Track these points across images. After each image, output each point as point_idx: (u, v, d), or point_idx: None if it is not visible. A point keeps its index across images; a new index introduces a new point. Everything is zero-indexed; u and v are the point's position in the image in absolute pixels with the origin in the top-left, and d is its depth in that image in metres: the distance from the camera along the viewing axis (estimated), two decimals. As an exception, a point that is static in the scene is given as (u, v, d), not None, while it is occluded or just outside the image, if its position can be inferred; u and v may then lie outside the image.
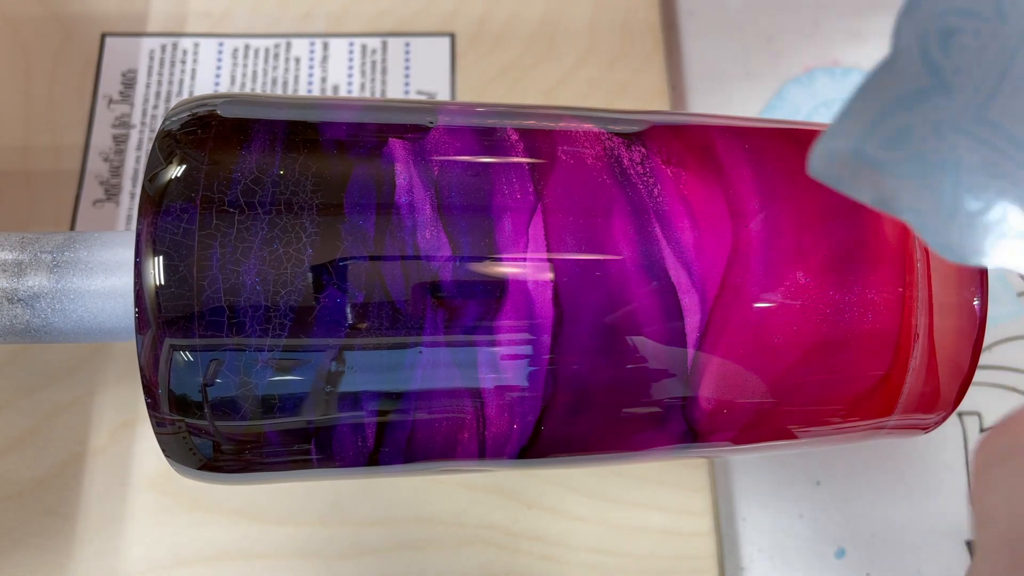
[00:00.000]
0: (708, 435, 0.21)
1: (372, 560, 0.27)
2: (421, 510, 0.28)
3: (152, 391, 0.19)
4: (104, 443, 0.28)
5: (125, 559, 0.27)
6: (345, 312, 0.19)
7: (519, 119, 0.22)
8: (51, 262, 0.20)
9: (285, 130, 0.20)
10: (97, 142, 0.32)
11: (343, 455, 0.20)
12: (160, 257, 0.18)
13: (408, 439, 0.20)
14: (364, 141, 0.20)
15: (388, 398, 0.19)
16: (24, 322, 0.20)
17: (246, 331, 0.18)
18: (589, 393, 0.20)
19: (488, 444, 0.20)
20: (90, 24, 0.34)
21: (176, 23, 0.34)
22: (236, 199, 0.19)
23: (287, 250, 0.19)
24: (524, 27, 0.35)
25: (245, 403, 0.19)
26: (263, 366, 0.19)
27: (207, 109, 0.20)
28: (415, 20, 0.35)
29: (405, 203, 0.19)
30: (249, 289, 0.18)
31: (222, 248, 0.18)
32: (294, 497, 0.28)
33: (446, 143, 0.20)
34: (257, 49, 0.34)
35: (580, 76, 0.34)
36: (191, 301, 0.18)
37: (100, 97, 0.33)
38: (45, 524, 0.27)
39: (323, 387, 0.19)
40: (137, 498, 0.27)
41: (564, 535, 0.28)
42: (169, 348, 0.18)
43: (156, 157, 0.19)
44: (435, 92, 0.34)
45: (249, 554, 0.27)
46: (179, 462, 0.20)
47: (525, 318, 0.19)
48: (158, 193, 0.19)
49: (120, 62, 0.33)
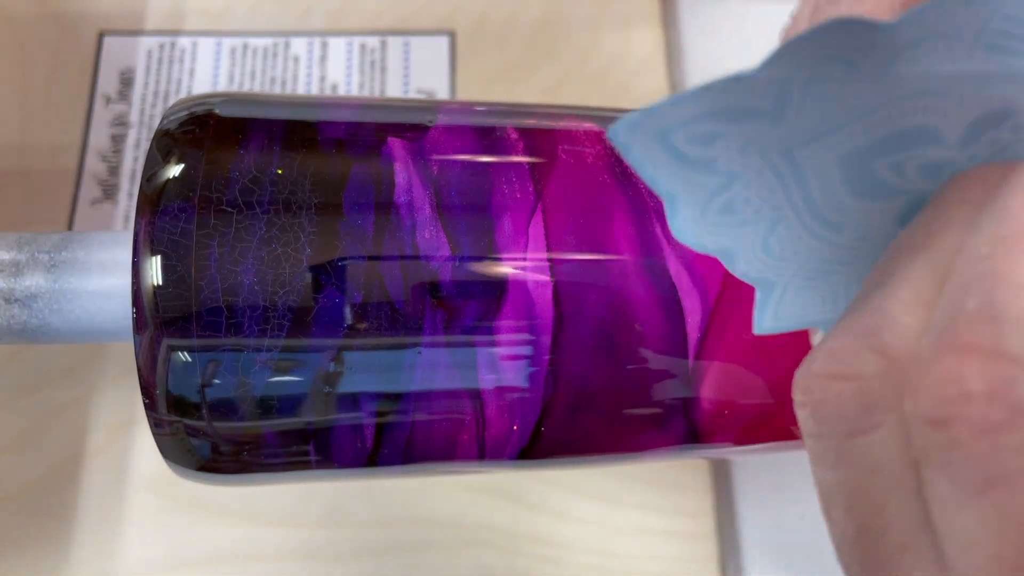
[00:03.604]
0: (709, 436, 0.21)
1: (371, 562, 0.27)
2: (420, 512, 0.28)
3: (150, 392, 0.19)
4: (102, 444, 0.28)
5: (123, 561, 0.27)
6: (344, 312, 0.18)
7: (519, 118, 0.22)
8: (48, 262, 0.20)
9: (283, 129, 0.20)
10: (95, 141, 0.32)
11: (342, 456, 0.20)
12: (158, 257, 0.18)
13: (407, 440, 0.20)
14: (363, 140, 0.20)
15: (387, 399, 0.19)
16: (21, 322, 0.20)
17: (244, 331, 0.18)
18: (589, 394, 0.20)
19: (488, 445, 0.20)
20: (88, 23, 0.34)
21: (174, 21, 0.34)
22: (234, 199, 0.19)
23: (285, 250, 0.18)
24: (524, 25, 0.35)
25: (243, 404, 0.19)
26: (261, 366, 0.18)
27: (205, 108, 0.20)
28: (414, 18, 0.35)
29: (404, 202, 0.19)
30: (247, 289, 0.18)
31: (220, 248, 0.18)
32: (293, 498, 0.28)
33: (446, 142, 0.20)
34: (256, 48, 0.34)
35: (581, 75, 0.34)
36: (189, 301, 0.18)
37: (98, 96, 0.33)
38: (42, 525, 0.27)
39: (322, 388, 0.19)
40: (135, 499, 0.27)
41: (564, 537, 0.28)
42: (167, 348, 0.18)
43: (154, 156, 0.19)
44: (434, 91, 0.34)
45: (248, 556, 0.27)
46: (177, 463, 0.20)
47: (525, 318, 0.19)
48: (156, 193, 0.19)
49: (118, 61, 0.33)
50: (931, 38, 0.13)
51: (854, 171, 0.14)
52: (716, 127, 0.13)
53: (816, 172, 0.14)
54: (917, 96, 0.13)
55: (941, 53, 0.13)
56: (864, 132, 0.14)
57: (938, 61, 0.13)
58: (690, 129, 0.13)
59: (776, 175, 0.14)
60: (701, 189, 0.14)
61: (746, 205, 0.14)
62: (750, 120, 0.13)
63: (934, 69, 0.13)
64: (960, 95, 0.13)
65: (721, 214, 0.14)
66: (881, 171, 0.14)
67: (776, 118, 0.13)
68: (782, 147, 0.14)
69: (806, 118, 0.14)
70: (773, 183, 0.14)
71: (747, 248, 0.15)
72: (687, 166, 0.14)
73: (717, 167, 0.14)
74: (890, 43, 0.13)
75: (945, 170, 0.14)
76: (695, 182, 0.14)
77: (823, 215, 0.14)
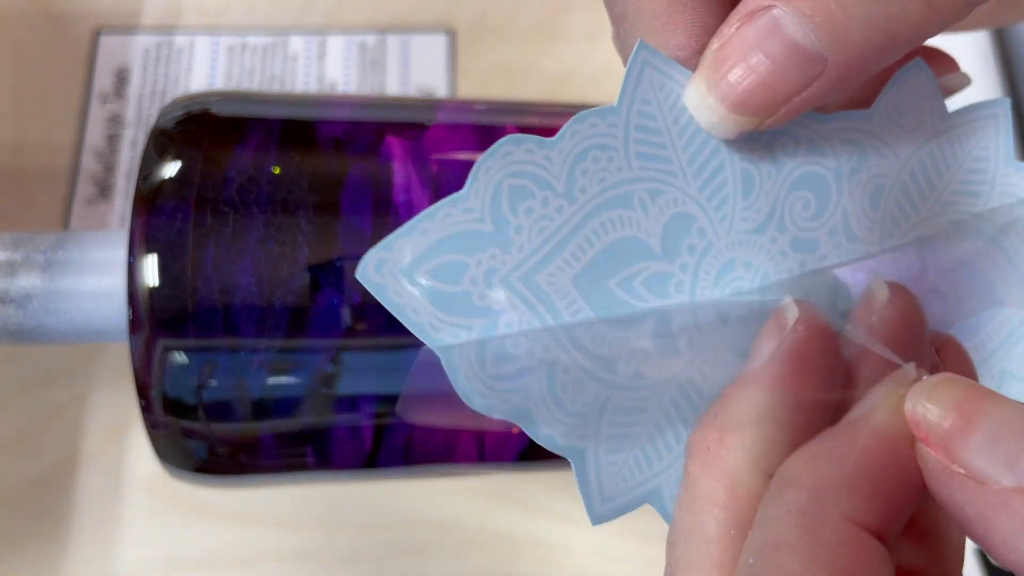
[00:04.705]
0: None
1: (370, 564, 0.27)
2: (420, 514, 0.28)
3: (146, 393, 0.18)
4: (98, 446, 0.28)
5: (119, 562, 0.27)
6: (342, 313, 0.18)
7: (519, 116, 0.21)
8: (44, 262, 0.20)
9: (281, 128, 0.20)
10: (91, 140, 0.32)
11: (340, 458, 0.20)
12: (154, 257, 0.18)
13: (406, 442, 0.20)
14: (361, 139, 0.20)
15: (386, 400, 0.19)
16: (16, 323, 0.20)
17: (241, 332, 0.18)
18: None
19: (487, 447, 0.20)
20: (84, 20, 0.34)
21: (171, 19, 0.34)
22: (231, 198, 0.18)
23: (283, 250, 0.18)
24: (524, 22, 0.35)
25: (240, 405, 0.19)
26: (259, 367, 0.18)
27: (201, 107, 0.20)
28: (413, 15, 0.35)
29: (403, 201, 0.19)
30: (244, 289, 0.18)
31: (217, 248, 0.18)
32: (291, 500, 0.28)
33: (445, 140, 0.20)
34: (253, 46, 0.34)
35: (581, 72, 0.34)
36: (185, 302, 0.18)
37: (94, 95, 0.32)
38: (39, 527, 0.27)
39: (319, 389, 0.19)
40: (132, 501, 0.27)
41: (564, 540, 0.28)
42: (163, 349, 0.18)
43: (150, 155, 0.19)
44: (434, 89, 0.33)
45: (245, 558, 0.27)
46: (173, 465, 0.20)
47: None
48: (152, 192, 0.19)
49: (114, 59, 0.33)
50: (593, 149, 0.14)
51: (593, 294, 0.14)
52: (453, 257, 0.14)
53: (561, 298, 0.14)
54: (609, 208, 0.14)
55: (605, 163, 0.14)
56: (581, 250, 0.14)
57: (607, 171, 0.14)
58: (431, 262, 0.13)
59: (528, 307, 0.14)
60: (467, 332, 0.14)
61: (516, 348, 0.14)
62: (481, 245, 0.14)
63: (608, 179, 0.14)
64: (640, 201, 0.14)
65: (496, 363, 0.14)
66: (616, 291, 0.14)
67: (503, 242, 0.14)
68: (520, 274, 0.14)
69: (526, 239, 0.14)
70: (530, 317, 0.14)
71: (540, 405, 0.14)
72: (446, 305, 0.14)
73: (474, 303, 0.14)
74: (562, 156, 0.14)
75: (669, 284, 0.15)
76: (460, 325, 0.14)
77: (589, 349, 0.14)
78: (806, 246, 0.15)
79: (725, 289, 0.15)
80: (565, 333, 0.14)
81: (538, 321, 0.14)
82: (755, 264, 0.15)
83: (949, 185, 0.16)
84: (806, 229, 0.15)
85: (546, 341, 0.14)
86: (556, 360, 0.14)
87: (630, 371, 0.14)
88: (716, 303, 0.15)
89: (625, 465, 0.14)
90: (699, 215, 0.15)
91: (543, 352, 0.14)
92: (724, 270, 0.15)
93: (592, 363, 0.14)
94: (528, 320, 0.14)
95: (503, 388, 0.14)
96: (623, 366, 0.14)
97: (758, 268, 0.15)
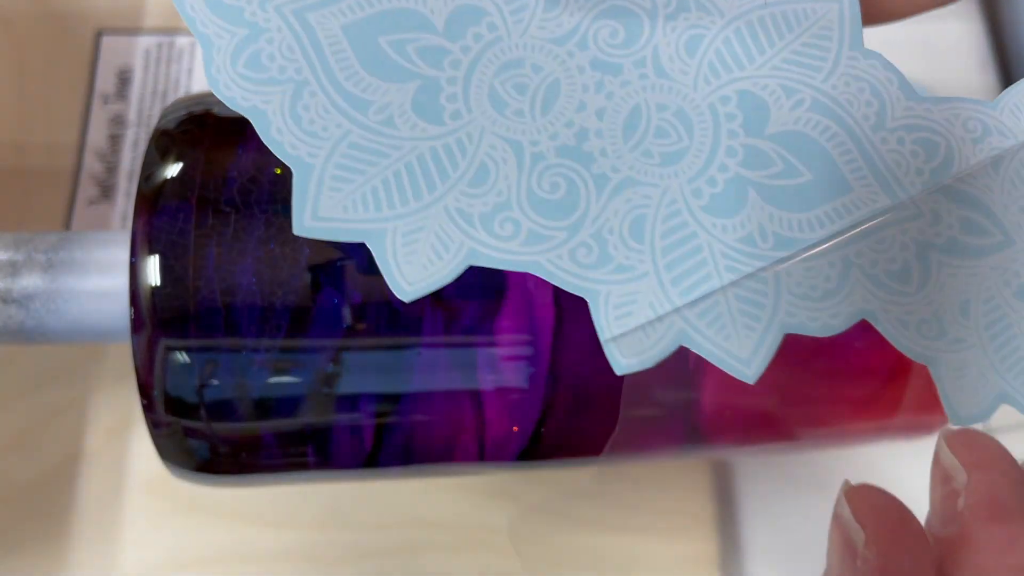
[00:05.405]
0: (710, 437, 0.21)
1: (370, 564, 0.27)
2: (420, 513, 0.28)
3: (148, 393, 0.18)
4: (100, 445, 0.28)
5: (121, 562, 0.27)
6: (343, 313, 0.18)
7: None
8: (45, 262, 0.20)
9: (282, 128, 0.20)
10: (92, 141, 0.32)
11: (341, 457, 0.20)
12: (156, 257, 0.18)
13: (407, 441, 0.20)
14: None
15: (386, 400, 0.19)
16: (18, 323, 0.20)
17: (243, 332, 0.18)
18: (590, 395, 0.20)
19: (488, 446, 0.20)
20: (85, 21, 0.34)
21: (173, 20, 0.34)
22: (232, 198, 0.19)
23: (284, 250, 0.18)
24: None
25: (242, 405, 0.19)
26: (260, 367, 0.18)
27: (203, 107, 0.20)
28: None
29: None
30: (246, 289, 0.18)
31: (218, 248, 0.18)
32: (292, 500, 0.28)
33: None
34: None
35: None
36: (187, 302, 0.18)
37: (96, 95, 0.32)
38: (40, 527, 0.27)
39: (320, 389, 0.19)
40: (133, 501, 0.27)
41: (564, 538, 0.28)
42: (165, 349, 0.18)
43: (152, 156, 0.19)
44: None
45: (246, 557, 0.27)
46: (175, 464, 0.20)
47: (525, 319, 0.19)
48: (154, 192, 0.19)
49: (116, 60, 0.33)
50: None
51: (361, 44, 0.16)
52: None
53: (327, 38, 0.15)
54: None
55: None
56: (359, 6, 0.16)
57: None
58: None
59: (294, 35, 0.15)
60: (230, 36, 0.15)
61: (271, 62, 0.15)
62: None
63: None
64: None
65: (248, 67, 0.15)
66: (386, 48, 0.16)
67: None
68: (295, 6, 0.16)
69: None
70: (292, 43, 0.15)
71: (277, 113, 0.15)
72: (220, 11, 0.15)
73: (244, 17, 0.15)
74: None
75: (444, 59, 0.16)
76: (226, 29, 0.15)
77: (343, 85, 0.15)
78: (607, 68, 0.16)
79: (507, 83, 0.16)
80: (322, 65, 0.15)
81: (300, 53, 0.15)
82: (546, 69, 0.16)
83: (780, 53, 0.16)
84: (610, 54, 0.16)
85: (300, 64, 0.15)
86: (305, 82, 0.15)
87: (381, 118, 0.15)
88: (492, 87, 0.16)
89: (349, 197, 0.15)
90: (492, 11, 0.16)
91: (295, 73, 0.15)
92: (510, 64, 0.16)
93: (343, 98, 0.15)
94: (290, 46, 0.15)
95: (247, 86, 0.15)
96: (374, 112, 0.15)
97: (549, 73, 0.16)
